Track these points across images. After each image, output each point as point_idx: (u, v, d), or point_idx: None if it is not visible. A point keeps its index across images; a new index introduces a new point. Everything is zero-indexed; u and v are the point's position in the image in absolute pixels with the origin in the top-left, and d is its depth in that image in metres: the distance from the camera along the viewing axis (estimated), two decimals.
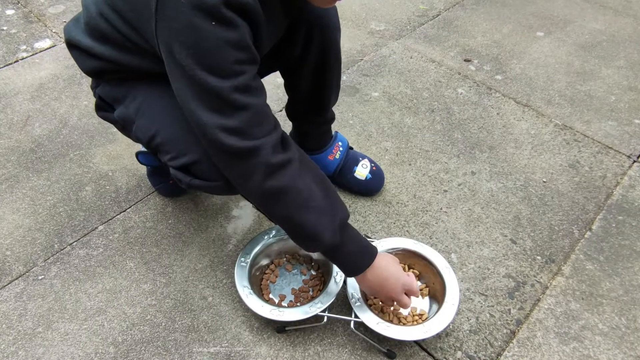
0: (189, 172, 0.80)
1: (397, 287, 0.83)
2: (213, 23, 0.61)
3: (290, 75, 1.02)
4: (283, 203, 0.72)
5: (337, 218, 0.75)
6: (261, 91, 0.71)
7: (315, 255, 1.00)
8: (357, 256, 0.80)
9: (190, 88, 0.65)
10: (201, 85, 0.64)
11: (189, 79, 0.65)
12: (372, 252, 0.82)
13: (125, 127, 0.88)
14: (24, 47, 1.65)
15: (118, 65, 0.81)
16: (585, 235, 1.11)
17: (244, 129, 0.67)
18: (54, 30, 1.72)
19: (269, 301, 0.93)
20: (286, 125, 1.23)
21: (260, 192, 0.71)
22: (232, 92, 0.65)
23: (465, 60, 1.62)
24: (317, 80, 0.99)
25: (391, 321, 0.89)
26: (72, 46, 0.85)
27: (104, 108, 0.91)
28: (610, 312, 0.97)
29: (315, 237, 0.74)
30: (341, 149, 1.12)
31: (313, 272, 0.99)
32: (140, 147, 1.20)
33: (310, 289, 0.97)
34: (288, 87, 1.05)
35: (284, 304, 0.94)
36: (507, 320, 0.95)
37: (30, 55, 1.62)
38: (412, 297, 0.95)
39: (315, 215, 0.73)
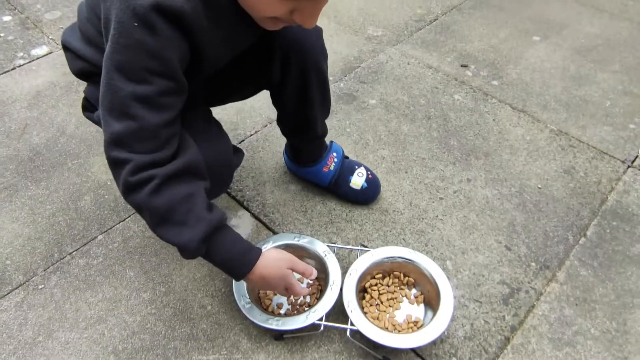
0: None
1: (279, 286, 0.84)
2: (135, 24, 0.61)
3: (275, 97, 1.03)
4: (143, 218, 0.74)
5: (200, 229, 0.72)
6: (164, 110, 0.68)
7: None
8: (231, 263, 0.79)
9: (103, 81, 0.66)
10: (109, 80, 0.65)
11: (104, 72, 0.66)
12: (250, 260, 0.80)
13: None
14: (21, 54, 1.66)
15: (99, 67, 0.82)
16: (580, 241, 1.12)
17: (123, 139, 0.66)
18: (50, 37, 1.73)
19: (266, 310, 0.94)
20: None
21: (131, 203, 0.72)
22: (128, 98, 0.64)
23: (462, 66, 1.63)
24: (300, 102, 0.99)
25: (387, 329, 0.91)
26: (65, 48, 0.89)
27: (88, 109, 0.93)
28: (602, 316, 0.98)
29: (179, 248, 0.73)
30: (336, 159, 1.13)
31: (310, 281, 1.01)
32: None
33: (308, 297, 0.98)
34: (275, 105, 1.06)
35: (281, 312, 0.96)
36: (501, 326, 0.97)
37: (27, 63, 1.63)
38: (407, 305, 0.97)
39: (176, 229, 0.71)
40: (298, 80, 0.94)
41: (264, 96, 1.46)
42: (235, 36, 0.78)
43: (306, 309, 0.94)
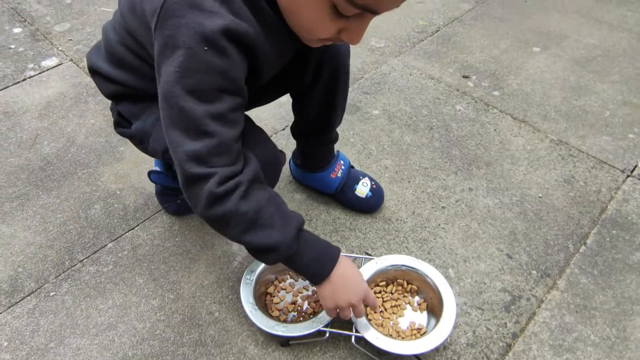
0: None
1: (359, 292, 0.84)
2: (205, 48, 0.63)
3: (299, 98, 1.05)
4: (228, 227, 0.74)
5: (291, 227, 0.76)
6: (235, 124, 0.71)
7: None
8: (318, 261, 0.81)
9: (168, 106, 0.67)
10: (178, 104, 0.66)
11: (168, 96, 0.66)
12: (334, 255, 0.83)
13: (142, 140, 0.92)
14: (32, 65, 1.70)
15: (135, 89, 0.86)
16: (580, 250, 1.14)
17: (203, 156, 0.68)
18: (60, 49, 1.77)
19: (273, 317, 0.97)
20: (290, 144, 1.28)
21: (205, 217, 0.74)
22: (204, 117, 0.66)
23: (463, 77, 1.66)
24: (325, 103, 1.02)
25: (390, 335, 0.93)
26: (94, 72, 0.90)
27: (122, 124, 0.94)
28: (602, 323, 1.00)
29: (269, 249, 0.75)
30: (343, 167, 1.16)
31: (315, 289, 1.03)
32: (152, 167, 1.24)
33: (314, 303, 1.00)
34: (296, 109, 1.09)
35: (287, 319, 0.98)
36: (503, 333, 0.99)
37: (38, 74, 1.66)
38: (411, 312, 0.99)
39: (265, 231, 0.74)
40: (328, 82, 0.97)
41: (269, 107, 1.49)
42: (286, 51, 0.81)
43: (311, 316, 0.96)
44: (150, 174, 1.12)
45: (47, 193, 1.25)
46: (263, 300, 1.00)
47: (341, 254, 0.97)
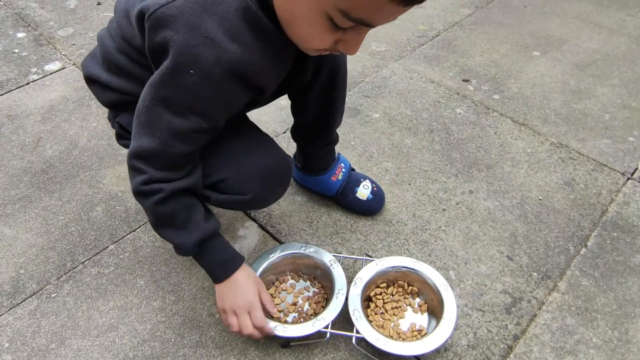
0: (217, 189, 0.87)
1: (243, 302, 0.88)
2: (191, 71, 0.66)
3: (298, 99, 1.06)
4: (147, 216, 0.84)
5: (197, 234, 0.82)
6: (193, 143, 0.76)
7: (318, 273, 1.03)
8: (216, 266, 0.89)
9: (142, 98, 0.72)
10: (149, 102, 0.71)
11: (147, 91, 0.71)
12: (230, 267, 0.89)
13: None
14: (35, 69, 1.71)
15: (135, 97, 0.85)
16: (581, 252, 1.14)
17: (144, 154, 0.74)
18: (63, 53, 1.78)
19: (273, 318, 0.97)
20: (290, 147, 1.28)
21: (135, 199, 0.81)
22: (164, 125, 0.71)
23: (463, 80, 1.67)
24: (324, 102, 1.04)
25: (391, 337, 0.93)
26: (91, 81, 0.89)
27: (124, 136, 0.94)
28: (604, 326, 1.00)
29: (174, 246, 0.84)
30: (344, 170, 1.17)
31: (316, 290, 1.03)
32: None
33: (314, 304, 1.00)
34: (295, 110, 1.10)
35: (288, 320, 0.98)
36: (504, 335, 0.98)
37: (41, 78, 1.67)
38: (411, 313, 0.99)
39: (175, 231, 0.81)
40: (326, 81, 0.99)
41: (270, 110, 1.50)
42: (287, 61, 0.82)
43: (312, 317, 0.96)
44: None
45: (49, 195, 1.26)
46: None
47: (341, 255, 0.99)
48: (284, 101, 1.09)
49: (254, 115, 1.27)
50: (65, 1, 2.08)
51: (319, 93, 1.01)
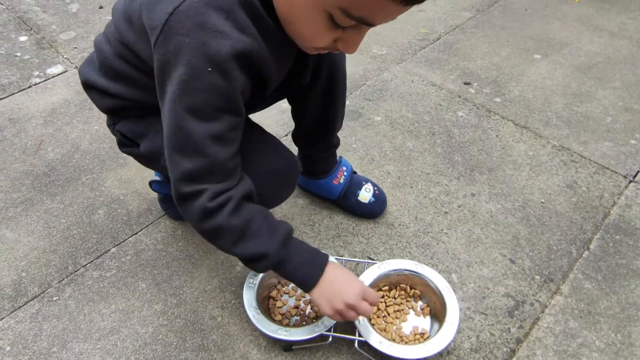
0: None
1: (352, 292, 0.82)
2: (210, 69, 0.63)
3: (298, 102, 1.06)
4: (220, 239, 0.76)
5: (279, 235, 0.78)
6: (232, 143, 0.72)
7: None
8: (307, 266, 0.82)
9: (168, 123, 0.68)
10: (177, 122, 0.67)
11: (169, 114, 0.67)
12: (322, 261, 0.83)
13: (152, 159, 0.90)
14: (37, 72, 1.71)
15: (133, 102, 0.85)
16: (583, 255, 1.14)
17: (194, 176, 0.70)
18: (65, 56, 1.79)
19: (275, 321, 0.96)
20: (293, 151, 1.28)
21: (198, 230, 0.76)
22: (203, 137, 0.67)
23: (465, 84, 1.67)
24: (324, 104, 1.03)
25: (394, 340, 0.92)
26: (89, 87, 0.88)
27: (127, 144, 0.93)
28: (607, 329, 0.99)
29: (259, 257, 0.77)
30: (345, 173, 1.16)
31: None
32: (150, 174, 1.25)
33: (317, 307, 1.00)
34: (295, 114, 1.09)
35: (290, 323, 0.98)
36: (507, 338, 0.98)
37: (43, 81, 1.68)
38: (414, 317, 0.98)
39: (254, 241, 0.76)
40: (327, 80, 0.98)
41: (272, 113, 1.50)
42: (288, 59, 0.82)
43: (314, 320, 0.96)
44: (152, 183, 1.12)
45: (51, 198, 1.26)
46: (266, 304, 1.00)
47: (343, 258, 0.97)
48: (285, 104, 1.10)
49: (255, 118, 1.27)
50: (67, 5, 2.08)
51: (319, 95, 1.01)
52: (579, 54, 1.83)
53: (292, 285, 1.04)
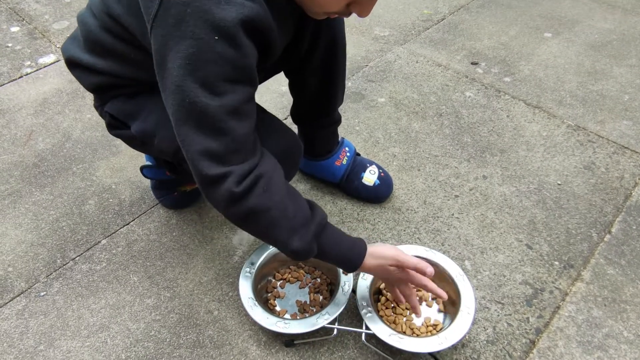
0: None
1: (393, 256, 0.80)
2: (216, 37, 0.58)
3: (296, 74, 1.00)
4: (253, 224, 0.71)
5: (312, 227, 0.73)
6: (248, 117, 0.67)
7: (320, 262, 0.97)
8: (345, 254, 0.78)
9: (177, 100, 0.62)
10: (190, 98, 0.61)
11: (178, 91, 0.62)
12: (360, 246, 0.80)
13: (144, 142, 0.85)
14: (28, 62, 1.66)
15: (121, 79, 0.79)
16: (605, 239, 1.06)
17: (218, 154, 0.65)
18: (57, 46, 1.73)
19: (274, 312, 0.90)
20: None
21: (227, 217, 0.71)
22: (218, 112, 0.62)
23: (472, 64, 1.59)
24: (324, 76, 0.98)
25: (404, 332, 0.85)
26: (73, 64, 0.82)
27: (116, 126, 0.88)
28: (635, 318, 0.92)
29: (293, 251, 0.72)
30: (348, 154, 1.10)
31: (318, 280, 0.96)
32: (144, 162, 1.18)
33: (316, 294, 0.93)
34: (294, 87, 1.03)
35: (288, 315, 0.91)
36: (525, 329, 0.91)
37: (35, 71, 1.62)
38: (425, 307, 0.92)
39: (287, 232, 0.71)
40: (326, 51, 0.93)
41: (272, 97, 1.43)
42: (290, 27, 0.78)
43: (313, 309, 0.89)
44: (143, 169, 1.06)
45: (40, 190, 1.20)
46: (264, 294, 0.94)
47: None
48: (284, 87, 1.03)
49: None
50: None
51: (319, 66, 0.95)
52: (591, 32, 1.74)
53: (290, 274, 0.97)
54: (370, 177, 1.10)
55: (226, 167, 0.65)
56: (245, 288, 0.88)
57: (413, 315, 0.90)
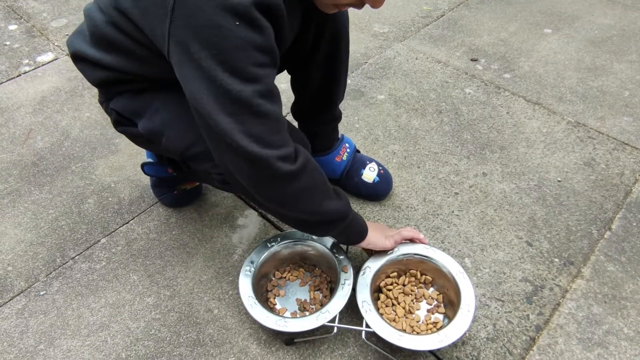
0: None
1: (391, 230, 0.91)
2: (237, 23, 0.58)
3: (299, 71, 1.00)
4: (306, 201, 0.75)
5: (345, 195, 0.83)
6: (279, 97, 0.69)
7: (320, 261, 0.96)
8: (361, 220, 0.87)
9: (210, 90, 0.62)
10: (223, 87, 0.61)
11: (209, 81, 0.61)
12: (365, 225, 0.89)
13: (151, 140, 0.84)
14: (27, 61, 1.65)
15: (127, 74, 0.78)
16: (605, 236, 1.06)
17: (264, 137, 0.66)
18: (56, 44, 1.72)
19: (274, 310, 0.90)
20: None
21: (281, 197, 0.73)
22: (254, 97, 0.63)
23: (471, 60, 1.59)
24: (327, 73, 0.97)
25: (404, 330, 0.85)
26: (79, 59, 0.82)
27: (123, 123, 0.87)
28: (635, 315, 0.92)
29: (341, 216, 0.80)
30: (348, 150, 1.10)
31: (318, 278, 0.96)
32: (144, 158, 1.18)
33: (316, 292, 0.93)
34: (296, 84, 1.03)
35: (288, 314, 0.91)
36: (526, 326, 0.91)
37: (33, 69, 1.61)
38: (425, 305, 0.92)
39: (333, 201, 0.78)
40: (329, 47, 0.93)
41: None
42: (297, 18, 0.79)
43: (313, 307, 0.89)
44: (144, 166, 1.05)
45: (39, 189, 1.20)
46: (264, 293, 0.94)
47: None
48: (284, 84, 1.03)
49: None
50: None
51: (322, 62, 0.95)
52: (591, 27, 1.74)
53: (291, 272, 0.97)
54: (369, 174, 1.09)
55: (274, 150, 0.67)
56: (245, 286, 0.88)
57: (413, 316, 0.90)
